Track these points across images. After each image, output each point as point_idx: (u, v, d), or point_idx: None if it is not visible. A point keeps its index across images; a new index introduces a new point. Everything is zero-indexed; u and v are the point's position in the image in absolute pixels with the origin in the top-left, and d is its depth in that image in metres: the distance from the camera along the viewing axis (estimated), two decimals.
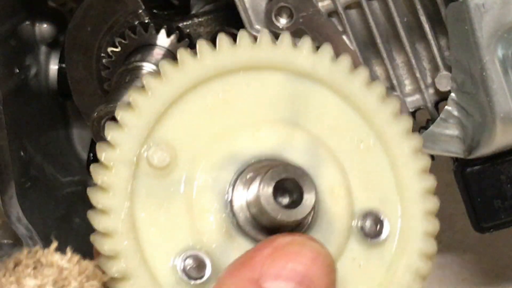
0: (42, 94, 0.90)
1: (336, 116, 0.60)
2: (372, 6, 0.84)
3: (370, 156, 0.60)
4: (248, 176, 0.56)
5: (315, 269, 0.52)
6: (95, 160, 0.56)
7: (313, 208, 0.55)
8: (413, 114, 0.86)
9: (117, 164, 0.55)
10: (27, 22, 0.89)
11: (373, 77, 0.62)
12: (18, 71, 0.85)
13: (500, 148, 0.80)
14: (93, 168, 0.56)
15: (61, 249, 0.56)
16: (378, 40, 0.84)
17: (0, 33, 0.82)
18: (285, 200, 0.55)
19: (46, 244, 0.62)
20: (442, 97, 0.85)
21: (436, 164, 0.92)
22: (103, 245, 0.54)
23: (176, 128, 0.56)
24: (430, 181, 0.61)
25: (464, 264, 1.08)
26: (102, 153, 0.55)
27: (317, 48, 0.61)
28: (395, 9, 0.84)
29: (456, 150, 0.83)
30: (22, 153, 0.81)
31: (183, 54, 0.57)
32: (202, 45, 0.58)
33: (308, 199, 0.54)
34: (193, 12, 0.92)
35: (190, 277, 0.55)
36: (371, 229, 0.58)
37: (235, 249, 0.56)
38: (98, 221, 0.54)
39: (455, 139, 0.83)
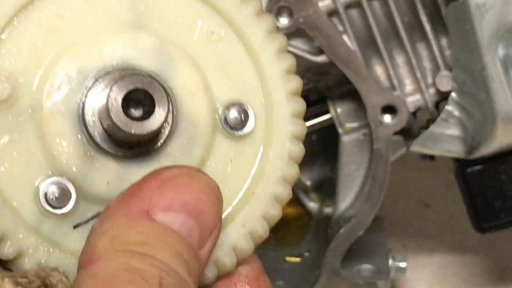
0: None
1: (182, 11, 0.56)
2: (372, 5, 0.84)
3: (224, 46, 0.57)
4: (97, 92, 0.53)
5: (205, 200, 0.51)
6: None
7: (167, 116, 0.52)
8: (414, 114, 0.86)
9: None
10: None
11: None
12: None
13: (500, 148, 0.80)
14: None
15: None
16: (379, 40, 0.84)
17: None
18: (138, 112, 0.53)
19: None
20: (442, 97, 0.85)
21: (436, 164, 0.92)
22: None
23: (13, 53, 0.53)
24: (288, 61, 0.58)
25: (464, 264, 1.08)
26: None
27: None
28: (395, 8, 0.83)
29: (456, 150, 0.83)
30: None
31: None
32: None
33: (160, 108, 0.52)
34: None
35: (54, 207, 0.52)
36: (236, 121, 0.56)
37: (98, 169, 0.53)
38: None
39: (455, 139, 0.83)
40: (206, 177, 0.52)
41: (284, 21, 0.81)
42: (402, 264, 0.91)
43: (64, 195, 0.53)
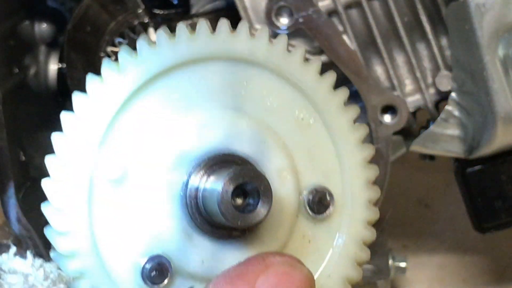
0: (41, 94, 0.90)
1: (277, 97, 0.60)
2: (372, 5, 0.84)
3: (312, 132, 0.61)
4: (201, 176, 0.56)
5: None
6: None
7: (270, 209, 0.55)
8: (414, 114, 0.86)
9: (71, 184, 0.55)
10: (27, 22, 0.88)
11: (308, 56, 0.62)
12: (17, 71, 0.85)
13: (500, 148, 0.80)
14: (45, 185, 0.56)
15: None
16: (379, 40, 0.84)
17: (0, 32, 0.82)
18: (240, 201, 0.55)
19: (46, 244, 0.62)
20: (442, 97, 0.85)
21: (436, 164, 0.92)
22: (67, 265, 0.54)
23: (124, 138, 0.56)
24: (368, 151, 0.62)
25: (464, 264, 1.08)
26: (55, 171, 0.56)
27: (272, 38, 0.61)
28: (395, 8, 0.83)
29: (456, 150, 0.83)
30: (21, 154, 0.81)
31: (122, 57, 0.57)
32: (141, 45, 0.57)
33: (265, 202, 0.55)
34: (193, 12, 0.92)
35: (153, 282, 0.56)
36: (318, 205, 0.60)
37: (195, 248, 0.57)
38: (59, 243, 0.55)
39: (455, 139, 0.83)
40: (305, 269, 0.55)
41: (284, 21, 0.81)
42: (402, 264, 0.91)
43: (162, 270, 0.56)
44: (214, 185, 0.55)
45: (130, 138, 0.57)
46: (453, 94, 0.82)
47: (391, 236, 1.01)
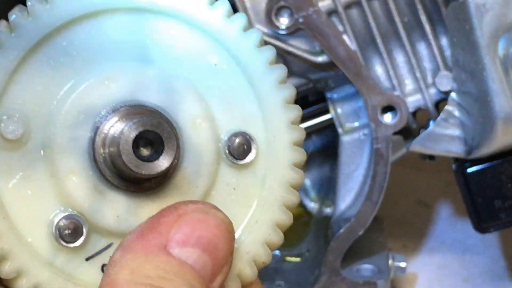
0: None
1: (185, 44, 0.58)
2: (372, 5, 0.84)
3: (227, 77, 0.59)
4: (106, 130, 0.55)
5: (219, 236, 0.54)
6: None
7: (175, 157, 0.54)
8: (414, 114, 0.86)
9: None
10: None
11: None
12: None
13: (500, 148, 0.80)
14: None
15: None
16: (379, 40, 0.84)
17: None
18: (147, 151, 0.54)
19: None
20: (442, 97, 0.85)
21: (436, 164, 0.92)
22: None
23: (24, 94, 0.54)
24: (288, 91, 0.59)
25: (464, 264, 1.08)
26: None
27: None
28: (395, 8, 0.84)
29: (456, 150, 0.83)
30: None
31: (14, 17, 0.54)
32: (33, 3, 0.55)
33: (169, 149, 0.54)
34: None
35: (67, 241, 0.54)
36: (239, 150, 0.58)
37: (109, 204, 0.55)
38: None
39: (455, 139, 0.83)
40: (220, 213, 0.54)
41: (284, 21, 0.81)
42: (402, 264, 0.91)
43: (76, 229, 0.54)
44: (118, 136, 0.54)
45: (29, 97, 0.54)
46: (453, 94, 0.82)
47: (391, 236, 1.01)
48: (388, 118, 0.83)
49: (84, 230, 0.55)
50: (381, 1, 0.84)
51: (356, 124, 0.88)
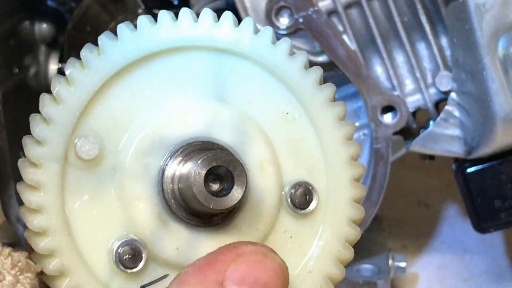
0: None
1: (261, 89, 0.59)
2: (372, 5, 0.84)
3: (296, 127, 0.59)
4: (178, 162, 0.55)
5: (275, 279, 0.54)
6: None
7: (244, 194, 0.55)
8: (414, 114, 0.86)
9: (46, 161, 0.54)
10: (27, 22, 0.88)
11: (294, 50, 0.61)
12: (17, 71, 0.85)
13: (500, 148, 0.80)
14: (21, 164, 0.55)
15: None
16: (379, 40, 0.84)
17: (0, 33, 0.82)
18: (216, 186, 0.55)
19: None
20: (442, 97, 0.85)
21: (436, 164, 0.92)
22: (37, 243, 0.53)
23: (102, 117, 0.55)
24: (354, 148, 0.60)
25: (464, 264, 1.08)
26: (30, 151, 0.54)
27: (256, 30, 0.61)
28: (395, 8, 0.84)
29: (456, 150, 0.83)
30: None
31: (103, 41, 0.56)
32: (122, 30, 0.56)
33: (239, 186, 0.54)
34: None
35: (126, 266, 0.54)
36: (301, 200, 0.58)
37: (170, 235, 0.56)
38: (31, 220, 0.54)
39: (455, 139, 0.83)
40: (278, 257, 0.54)
41: (284, 21, 0.81)
42: (402, 264, 0.91)
43: (135, 255, 0.55)
44: (189, 169, 0.54)
45: (107, 121, 0.56)
46: (453, 94, 0.82)
47: (391, 236, 1.01)
48: (388, 118, 0.83)
49: (143, 257, 0.55)
50: (381, 1, 0.84)
51: (356, 124, 0.88)
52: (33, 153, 0.54)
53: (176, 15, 0.58)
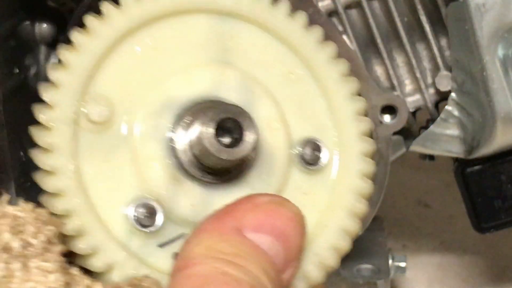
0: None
1: (264, 50, 0.60)
2: (372, 6, 0.84)
3: (301, 85, 0.61)
4: (187, 120, 0.57)
5: (292, 227, 0.55)
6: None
7: (255, 142, 0.56)
8: (414, 114, 0.86)
9: (57, 124, 0.55)
10: (27, 22, 0.88)
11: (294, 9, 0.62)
12: (17, 71, 0.85)
13: (500, 148, 0.80)
14: (33, 130, 0.56)
15: None
16: (378, 40, 0.84)
17: (0, 33, 0.82)
18: (227, 140, 0.56)
19: None
20: (442, 97, 0.85)
21: (436, 164, 0.92)
22: (54, 205, 0.55)
23: (110, 81, 0.57)
24: (360, 103, 0.62)
25: (464, 264, 1.08)
26: (40, 115, 0.56)
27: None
28: (395, 9, 0.84)
29: (456, 150, 0.83)
30: (21, 153, 0.81)
31: (106, 6, 0.58)
32: None
33: (249, 136, 0.55)
34: None
35: (143, 225, 0.56)
36: (311, 156, 0.60)
37: (184, 193, 0.57)
38: (46, 182, 0.55)
39: (455, 139, 0.83)
40: (294, 207, 0.56)
41: None
42: (402, 264, 0.91)
43: (152, 214, 0.56)
44: (199, 125, 0.56)
45: (115, 85, 0.57)
46: (453, 94, 0.82)
47: (391, 236, 1.01)
48: (388, 118, 0.83)
49: (160, 217, 0.56)
50: (381, 1, 0.84)
51: None
52: (44, 117, 0.55)
53: None
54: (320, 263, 0.60)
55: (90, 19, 0.58)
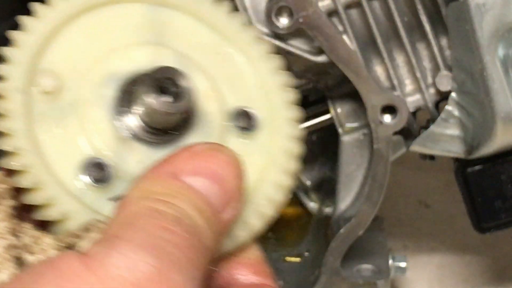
0: None
1: (195, 34, 0.69)
2: (372, 5, 0.84)
3: (231, 63, 0.69)
4: (130, 88, 0.64)
5: (228, 170, 0.59)
6: None
7: (193, 96, 0.63)
8: (414, 114, 0.86)
9: (9, 92, 0.61)
10: None
11: None
12: None
13: (500, 148, 0.80)
14: None
15: None
16: (379, 40, 0.84)
17: (0, 33, 0.82)
18: (167, 97, 0.62)
19: None
20: (442, 97, 0.85)
21: (436, 164, 0.92)
22: (10, 162, 0.60)
23: (58, 57, 0.64)
24: (285, 76, 0.70)
25: (464, 264, 1.08)
26: None
27: None
28: (395, 8, 0.84)
29: (456, 150, 0.83)
30: None
31: None
32: None
33: (187, 88, 0.62)
34: None
35: (95, 181, 0.62)
36: (244, 123, 0.67)
37: (131, 152, 0.63)
38: (2, 142, 0.60)
39: (455, 139, 0.83)
40: (232, 152, 0.60)
41: (284, 21, 0.81)
42: (402, 264, 0.91)
43: (103, 172, 0.62)
44: (140, 88, 0.62)
45: (63, 61, 0.64)
46: (453, 94, 0.82)
47: (391, 236, 1.01)
48: (388, 118, 0.83)
49: (109, 173, 0.62)
50: (381, 1, 0.84)
51: (356, 124, 0.88)
52: None
53: None
54: (259, 212, 0.65)
55: (37, 5, 0.65)
